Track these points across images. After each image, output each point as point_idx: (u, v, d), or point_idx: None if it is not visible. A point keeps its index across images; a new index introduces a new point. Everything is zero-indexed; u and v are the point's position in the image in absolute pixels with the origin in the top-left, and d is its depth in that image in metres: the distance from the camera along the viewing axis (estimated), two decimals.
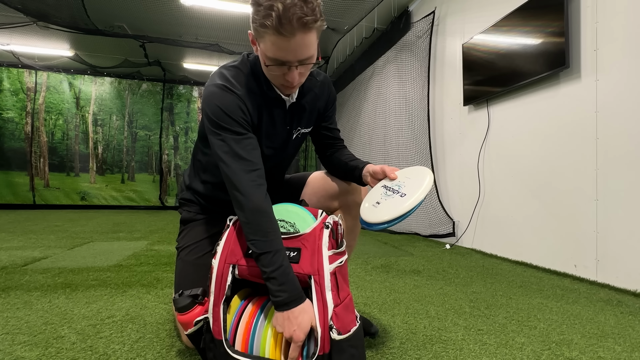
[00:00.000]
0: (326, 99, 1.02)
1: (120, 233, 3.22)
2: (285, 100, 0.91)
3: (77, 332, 1.02)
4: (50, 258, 2.06)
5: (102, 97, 6.26)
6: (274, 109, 0.91)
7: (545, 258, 2.06)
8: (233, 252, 0.80)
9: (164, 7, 3.77)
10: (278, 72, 0.79)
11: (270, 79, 0.85)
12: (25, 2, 3.37)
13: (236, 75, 0.85)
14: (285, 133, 0.96)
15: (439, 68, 3.16)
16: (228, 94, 0.81)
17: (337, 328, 0.71)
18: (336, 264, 0.76)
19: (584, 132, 1.84)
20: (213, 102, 0.81)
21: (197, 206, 1.07)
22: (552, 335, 1.08)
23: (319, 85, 0.99)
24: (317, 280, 0.73)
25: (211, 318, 0.78)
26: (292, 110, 0.94)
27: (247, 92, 0.84)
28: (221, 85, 0.82)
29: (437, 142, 3.18)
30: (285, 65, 0.77)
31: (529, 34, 2.11)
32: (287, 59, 0.75)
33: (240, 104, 0.82)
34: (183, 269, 0.99)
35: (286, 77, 0.79)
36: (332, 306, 0.72)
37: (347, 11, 3.56)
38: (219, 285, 0.78)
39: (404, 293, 1.50)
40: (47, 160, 6.02)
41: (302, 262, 0.75)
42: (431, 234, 3.10)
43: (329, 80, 1.04)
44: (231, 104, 0.81)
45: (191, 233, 1.03)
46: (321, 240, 0.76)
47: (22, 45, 4.89)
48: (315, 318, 0.72)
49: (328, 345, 0.71)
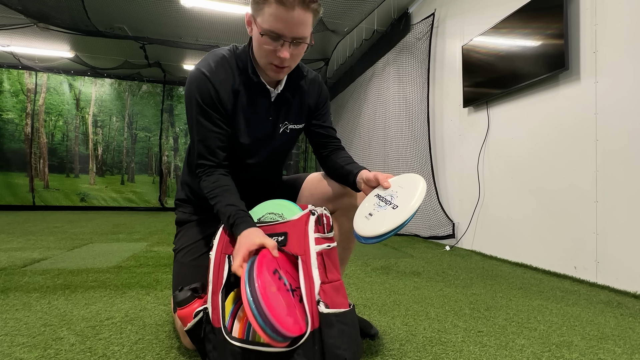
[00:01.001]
0: (317, 97, 1.03)
1: (119, 234, 3.21)
2: (269, 90, 0.93)
3: (76, 334, 1.02)
4: (50, 259, 2.06)
5: (102, 98, 6.27)
6: (257, 97, 0.94)
7: (545, 260, 2.06)
8: (229, 243, 0.83)
9: (164, 9, 3.78)
10: (271, 47, 0.81)
11: (261, 59, 0.86)
12: (25, 3, 3.38)
13: (218, 61, 0.91)
14: (269, 125, 0.97)
15: (438, 70, 3.17)
16: (205, 82, 0.88)
17: (325, 302, 0.72)
18: (323, 247, 0.78)
19: (584, 133, 1.85)
20: (190, 84, 0.90)
21: (192, 206, 1.07)
22: (552, 337, 1.08)
23: (308, 82, 1.01)
24: (304, 260, 0.76)
25: (210, 307, 0.79)
26: (277, 102, 0.96)
27: (225, 78, 0.90)
28: (200, 72, 0.89)
29: (437, 144, 3.18)
30: (279, 40, 0.80)
31: (529, 36, 2.11)
32: (283, 32, 0.79)
33: (211, 90, 0.88)
34: (180, 270, 0.99)
35: (278, 54, 0.82)
36: (319, 282, 0.74)
37: (347, 13, 3.57)
38: (216, 274, 0.80)
39: (404, 295, 1.50)
40: (46, 161, 6.02)
41: (290, 244, 0.79)
42: (431, 236, 3.10)
43: (320, 79, 1.05)
44: (203, 90, 0.88)
45: (187, 234, 1.04)
46: (307, 225, 0.78)
47: (22, 47, 4.89)
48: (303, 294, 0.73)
49: (317, 320, 0.71)
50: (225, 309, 0.77)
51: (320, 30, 3.94)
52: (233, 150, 0.96)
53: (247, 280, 0.67)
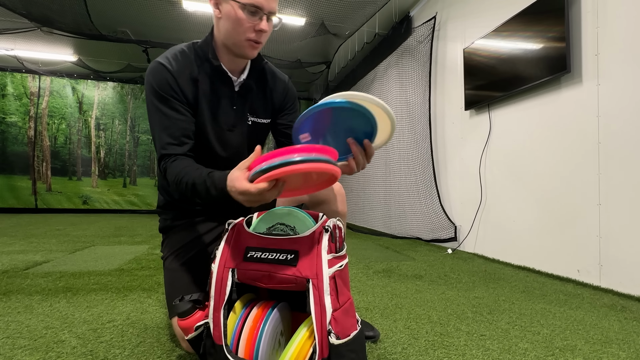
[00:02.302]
0: (283, 94, 1.04)
1: (121, 237, 3.22)
2: (232, 79, 0.94)
3: (77, 337, 1.02)
4: (52, 262, 2.06)
5: (105, 101, 6.30)
6: (220, 86, 0.94)
7: (547, 263, 2.05)
8: (232, 256, 0.79)
9: (167, 13, 3.80)
10: (249, 23, 0.85)
11: (238, 36, 0.87)
12: (29, 7, 3.41)
13: (176, 53, 0.93)
14: (234, 115, 0.97)
15: (440, 73, 3.17)
16: (160, 71, 0.89)
17: (336, 332, 0.70)
18: (336, 268, 0.75)
19: (586, 136, 1.84)
20: (148, 76, 0.90)
21: (173, 212, 1.06)
22: (555, 341, 1.07)
23: (275, 78, 1.03)
24: (316, 284, 0.72)
25: (212, 323, 0.77)
26: (241, 92, 0.97)
27: (184, 67, 0.91)
28: (157, 63, 0.90)
29: (439, 147, 3.18)
30: (258, 14, 0.84)
31: (530, 39, 2.11)
32: (262, 5, 0.83)
33: (169, 79, 0.88)
34: (169, 277, 0.99)
35: (257, 28, 0.85)
36: (331, 311, 0.71)
37: (349, 16, 3.59)
38: (218, 289, 0.77)
39: (406, 298, 1.49)
40: (49, 164, 6.05)
41: (300, 265, 0.74)
42: (433, 239, 3.09)
43: (288, 80, 1.07)
44: (161, 79, 0.88)
45: (171, 241, 1.03)
46: (320, 243, 0.75)
47: (26, 51, 4.93)
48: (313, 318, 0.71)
49: (327, 350, 0.70)
50: (227, 327, 0.76)
51: (322, 34, 3.96)
52: (200, 143, 0.94)
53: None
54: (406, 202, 3.62)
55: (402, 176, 3.72)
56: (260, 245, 0.78)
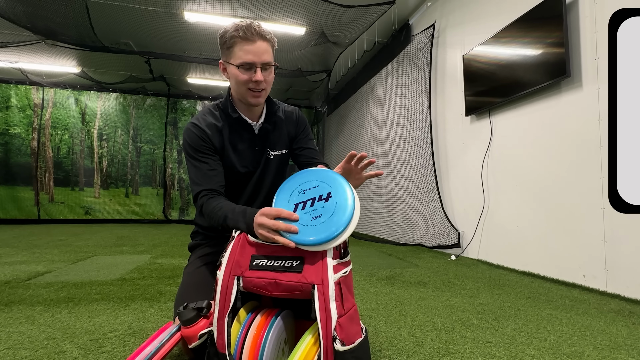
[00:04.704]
0: (295, 124, 1.19)
1: (123, 247, 3.21)
2: (251, 125, 1.09)
3: (79, 347, 1.01)
4: (54, 272, 2.06)
5: (108, 112, 6.35)
6: (242, 132, 1.10)
7: (552, 268, 2.03)
8: (238, 264, 0.79)
9: (169, 24, 3.85)
10: (247, 76, 0.98)
11: (240, 89, 1.02)
12: (33, 21, 3.46)
13: (204, 111, 1.11)
14: (257, 154, 1.12)
15: (440, 79, 3.19)
16: (193, 129, 1.05)
17: (341, 339, 0.70)
18: (341, 274, 0.75)
19: (588, 140, 1.84)
20: (183, 135, 1.07)
21: (202, 235, 1.19)
22: (563, 347, 1.06)
23: (287, 113, 1.18)
24: (321, 290, 0.72)
25: (215, 331, 0.77)
26: (260, 134, 1.11)
27: (211, 122, 1.07)
28: (190, 123, 1.07)
29: (440, 153, 3.18)
30: (252, 68, 0.98)
31: (529, 45, 2.13)
32: (253, 60, 0.97)
33: (202, 135, 1.04)
34: (183, 281, 1.07)
35: (253, 79, 0.99)
36: (336, 317, 0.71)
37: (348, 25, 3.62)
38: (223, 297, 0.77)
39: (410, 305, 1.47)
40: (52, 175, 6.07)
41: (306, 272, 0.74)
42: (436, 245, 3.07)
43: (298, 110, 1.22)
44: (193, 137, 1.04)
45: (196, 254, 1.15)
46: (325, 251, 0.75)
47: (30, 63, 5.00)
48: (318, 324, 0.71)
49: (332, 356, 0.69)
50: (231, 335, 0.76)
51: (322, 43, 3.99)
52: (231, 181, 1.09)
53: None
54: (408, 208, 3.61)
55: (404, 183, 3.71)
56: (266, 253, 0.79)
